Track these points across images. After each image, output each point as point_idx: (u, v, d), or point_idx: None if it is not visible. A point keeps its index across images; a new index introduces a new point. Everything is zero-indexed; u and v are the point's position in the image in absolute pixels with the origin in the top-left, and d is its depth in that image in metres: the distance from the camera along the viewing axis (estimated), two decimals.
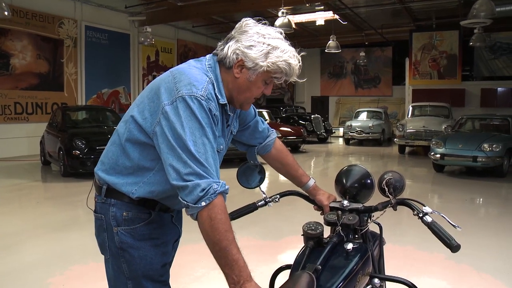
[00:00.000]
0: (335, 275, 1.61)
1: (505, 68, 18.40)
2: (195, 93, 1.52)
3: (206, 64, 1.67)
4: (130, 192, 1.66)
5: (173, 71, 1.64)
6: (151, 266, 1.71)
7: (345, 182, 2.02)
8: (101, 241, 1.75)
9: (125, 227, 1.68)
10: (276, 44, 1.59)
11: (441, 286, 3.93)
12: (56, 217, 6.31)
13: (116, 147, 1.71)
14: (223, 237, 1.44)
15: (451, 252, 1.63)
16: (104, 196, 1.71)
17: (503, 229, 5.86)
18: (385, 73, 23.65)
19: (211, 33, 19.58)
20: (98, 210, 1.74)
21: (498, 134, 10.60)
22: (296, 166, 2.11)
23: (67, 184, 8.85)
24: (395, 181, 1.90)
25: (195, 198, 1.44)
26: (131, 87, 16.16)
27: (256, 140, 2.03)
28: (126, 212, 1.68)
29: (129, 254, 1.68)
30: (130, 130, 1.65)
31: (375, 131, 17.50)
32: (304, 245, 1.77)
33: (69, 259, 4.50)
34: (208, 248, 1.51)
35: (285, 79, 1.66)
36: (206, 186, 1.45)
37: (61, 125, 9.98)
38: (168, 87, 1.57)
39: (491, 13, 10.85)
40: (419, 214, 1.74)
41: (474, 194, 8.44)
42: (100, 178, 1.74)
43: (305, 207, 2.20)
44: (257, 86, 1.65)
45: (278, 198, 2.08)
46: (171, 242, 1.83)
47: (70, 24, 13.79)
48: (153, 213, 1.71)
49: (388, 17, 17.40)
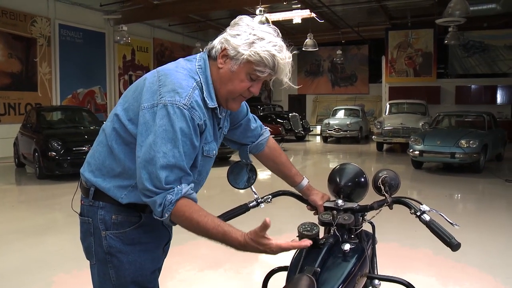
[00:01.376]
0: (334, 277, 1.57)
1: (478, 66, 18.75)
2: (178, 102, 1.46)
3: (196, 65, 1.60)
4: (119, 197, 1.60)
5: (159, 72, 1.57)
6: (141, 272, 1.64)
7: (338, 181, 1.97)
8: (87, 246, 1.67)
9: (114, 231, 1.61)
10: (263, 35, 1.53)
11: (428, 282, 3.94)
12: (32, 221, 6.12)
13: (103, 147, 1.64)
14: (199, 229, 1.46)
15: (452, 250, 1.60)
16: (92, 199, 1.63)
17: (483, 224, 5.94)
18: (362, 71, 23.86)
19: (188, 32, 19.42)
20: (85, 213, 1.66)
21: (475, 130, 10.78)
22: (289, 166, 2.05)
23: (43, 186, 8.63)
24: (390, 179, 1.87)
25: (159, 213, 1.46)
26: (107, 87, 15.89)
27: (248, 139, 1.96)
28: (115, 215, 1.61)
29: (117, 259, 1.61)
30: (116, 129, 1.59)
31: (353, 128, 17.63)
32: None
33: (50, 265, 4.35)
34: (192, 250, 1.51)
35: (270, 73, 1.55)
36: (162, 200, 1.45)
37: (36, 126, 9.71)
38: (152, 89, 1.51)
39: (465, 11, 11.02)
40: (417, 213, 1.71)
41: (453, 190, 8.57)
42: (86, 179, 1.66)
43: (286, 205, 2.15)
44: (239, 78, 1.55)
45: (270, 198, 2.02)
46: (161, 246, 1.76)
47: (43, 23, 13.47)
48: (143, 216, 1.64)
49: (364, 16, 17.54)
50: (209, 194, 6.23)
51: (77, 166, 8.58)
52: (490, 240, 5.20)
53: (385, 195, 1.82)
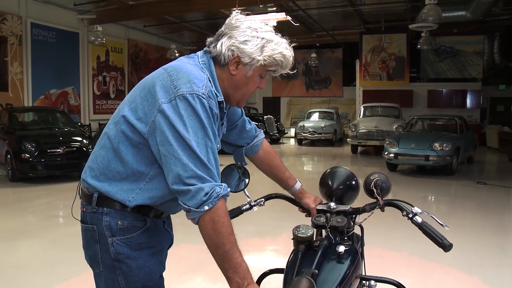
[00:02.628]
0: (331, 279, 1.60)
1: (449, 70, 19.18)
2: (197, 91, 1.46)
3: (200, 61, 1.61)
4: (127, 200, 1.56)
5: (166, 68, 1.56)
6: (150, 277, 1.62)
7: (330, 184, 2.01)
8: (92, 254, 1.62)
9: (121, 236, 1.57)
10: (270, 37, 1.58)
11: (407, 282, 4.00)
12: (5, 225, 5.94)
13: (107, 151, 1.60)
14: (226, 240, 1.41)
15: (444, 251, 1.65)
16: (95, 205, 1.59)
17: (457, 225, 6.09)
18: (336, 74, 24.09)
19: (163, 33, 19.25)
20: (88, 221, 1.61)
21: (447, 133, 11.04)
22: (283, 169, 2.08)
23: (16, 189, 8.43)
24: (382, 182, 1.91)
25: (198, 203, 1.40)
26: (80, 88, 15.58)
27: (243, 140, 1.98)
28: (121, 221, 1.57)
29: (126, 265, 1.58)
30: (123, 131, 1.55)
31: (328, 131, 17.80)
32: (295, 248, 1.75)
33: (26, 270, 4.24)
34: (177, 253, 1.46)
35: (280, 71, 1.65)
36: (210, 190, 1.41)
37: (8, 127, 9.47)
38: (164, 85, 1.49)
39: (438, 17, 11.29)
40: (409, 215, 1.75)
41: (427, 192, 8.75)
42: (89, 185, 1.62)
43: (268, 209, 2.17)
44: (253, 81, 1.63)
45: (263, 201, 2.03)
46: (165, 249, 1.75)
47: (14, 21, 13.12)
48: (148, 220, 1.62)
49: (339, 19, 17.74)
50: None
51: (52, 168, 8.57)
52: (464, 240, 5.33)
53: (377, 197, 1.86)
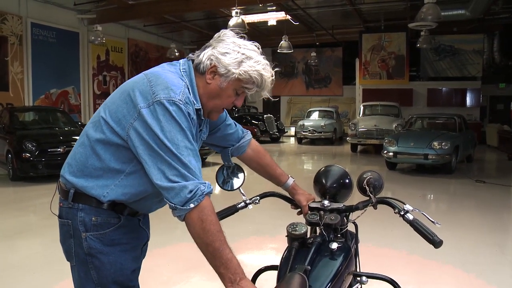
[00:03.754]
0: (324, 275, 1.63)
1: (448, 69, 19.20)
2: (173, 98, 1.51)
3: (181, 68, 1.67)
4: (101, 195, 1.62)
5: (147, 74, 1.62)
6: (121, 272, 1.68)
7: (324, 182, 2.04)
8: (67, 248, 1.69)
9: (94, 232, 1.64)
10: (250, 54, 1.62)
11: (403, 280, 4.04)
12: (6, 224, 5.98)
13: (85, 148, 1.66)
14: (216, 238, 1.45)
15: (434, 248, 1.68)
16: (71, 201, 1.66)
17: (455, 223, 6.12)
18: (336, 73, 24.11)
19: (162, 33, 19.28)
20: (64, 216, 1.68)
21: (446, 132, 11.07)
22: (274, 166, 2.12)
23: (17, 188, 8.47)
24: (375, 180, 1.94)
25: (183, 200, 1.45)
26: (80, 87, 15.63)
27: (228, 142, 2.03)
28: (95, 217, 1.63)
29: (98, 260, 1.64)
30: (103, 131, 1.61)
31: (327, 130, 17.82)
32: (289, 245, 1.78)
33: (27, 269, 4.28)
34: (173, 252, 1.51)
35: (256, 90, 1.66)
36: (194, 187, 1.45)
37: (9, 127, 9.51)
38: (144, 90, 1.55)
39: (437, 16, 11.29)
40: (401, 212, 1.78)
41: (426, 191, 8.78)
42: (67, 181, 1.68)
43: (267, 207, 2.21)
44: (227, 94, 1.65)
45: (258, 199, 2.07)
46: (140, 246, 1.81)
47: (14, 21, 13.16)
48: (122, 218, 1.68)
49: (339, 18, 17.75)
50: None
51: (52, 167, 8.59)
52: (462, 238, 5.37)
53: (370, 195, 1.89)
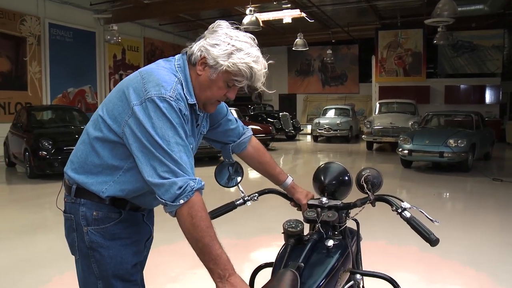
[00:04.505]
0: (318, 272, 1.62)
1: (466, 65, 18.91)
2: (164, 94, 1.52)
3: (176, 64, 1.68)
4: (100, 191, 1.65)
5: (141, 71, 1.64)
6: (121, 266, 1.70)
7: (323, 179, 2.02)
8: (71, 242, 1.73)
9: (95, 226, 1.66)
10: (241, 46, 1.60)
11: (415, 279, 4.02)
12: (23, 220, 6.12)
13: (86, 145, 1.70)
14: (205, 234, 1.46)
15: (430, 246, 1.66)
16: (73, 196, 1.69)
17: (470, 222, 6.04)
18: (352, 70, 23.97)
19: (178, 31, 19.40)
20: (68, 210, 1.72)
21: (463, 130, 10.90)
22: (273, 164, 2.11)
23: (34, 186, 8.62)
24: (373, 177, 1.92)
25: (173, 196, 1.46)
26: (97, 86, 15.84)
27: (229, 138, 2.03)
28: (96, 211, 1.66)
29: (99, 253, 1.67)
30: (101, 129, 1.64)
31: (343, 128, 17.73)
32: (285, 243, 1.77)
33: (39, 264, 4.38)
34: (182, 248, 1.50)
35: (247, 84, 1.64)
36: (183, 184, 1.46)
37: (26, 126, 9.68)
38: (137, 88, 1.57)
39: (453, 12, 11.15)
40: (398, 210, 1.76)
41: (441, 189, 8.67)
42: (69, 177, 1.72)
43: (276, 204, 2.20)
44: (218, 86, 1.64)
45: (257, 196, 2.07)
46: (143, 241, 1.82)
47: (32, 21, 13.40)
48: (123, 212, 1.70)
49: (354, 15, 17.64)
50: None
51: None
52: (476, 237, 5.29)
53: (367, 193, 1.87)
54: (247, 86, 1.69)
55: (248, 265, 4.47)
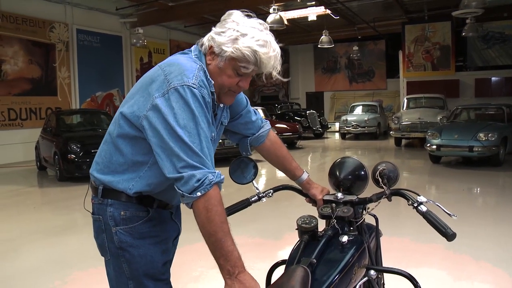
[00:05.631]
0: (331, 268, 1.59)
1: (498, 57, 18.42)
2: (187, 82, 1.50)
3: (193, 54, 1.67)
4: (128, 188, 1.65)
5: (161, 65, 1.62)
6: (152, 265, 1.69)
7: (338, 174, 1.99)
8: (100, 243, 1.73)
9: (124, 226, 1.66)
10: (246, 31, 1.55)
11: (440, 276, 3.92)
12: (54, 222, 6.29)
13: (108, 145, 1.70)
14: (219, 229, 1.44)
15: (447, 240, 1.61)
16: (100, 197, 1.69)
17: (501, 218, 5.86)
18: (379, 66, 23.65)
19: (203, 33, 18.99)
20: (96, 212, 1.72)
21: (493, 123, 10.60)
22: (290, 159, 2.08)
23: (63, 188, 8.81)
24: (389, 171, 1.88)
25: (191, 188, 1.44)
26: (125, 89, 16.09)
27: (249, 131, 2.01)
28: (123, 211, 1.66)
29: (129, 253, 1.66)
30: (121, 125, 1.64)
31: (371, 124, 17.51)
32: (299, 239, 1.75)
33: (68, 264, 4.47)
34: (205, 248, 1.49)
35: (255, 69, 1.59)
36: (202, 176, 1.44)
37: (56, 130, 9.92)
38: (159, 80, 1.55)
39: (482, 2, 10.89)
40: (414, 204, 1.72)
41: (471, 184, 8.45)
42: (95, 178, 1.72)
43: (302, 203, 2.18)
44: (227, 74, 1.60)
45: (272, 193, 2.05)
46: (171, 239, 1.81)
47: (61, 28, 13.72)
48: (151, 210, 1.70)
49: (380, 10, 17.40)
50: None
51: None
52: (508, 235, 5.12)
53: (383, 187, 1.83)
54: (263, 75, 1.65)
55: (271, 262, 4.48)
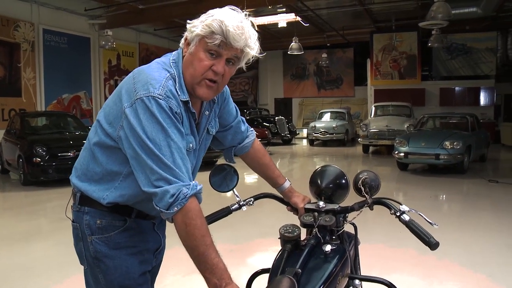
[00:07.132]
0: (316, 278, 1.58)
1: (461, 68, 18.97)
2: (152, 93, 1.45)
3: (171, 58, 1.62)
4: (101, 197, 1.61)
5: (134, 71, 1.60)
6: (127, 276, 1.64)
7: (320, 182, 1.99)
8: (78, 251, 1.69)
9: (99, 235, 1.61)
10: (216, 12, 1.52)
11: (412, 281, 3.98)
12: (17, 228, 6.04)
13: (86, 152, 1.67)
14: (200, 243, 1.41)
15: (430, 249, 1.63)
16: (78, 204, 1.66)
17: (467, 224, 6.02)
18: (347, 74, 23.97)
19: (173, 36, 19.35)
20: (74, 219, 1.68)
21: (458, 131, 10.91)
22: (273, 167, 2.08)
23: (28, 193, 8.54)
24: (371, 180, 1.89)
25: (166, 205, 1.41)
26: (92, 92, 15.76)
27: (235, 141, 2.00)
28: (99, 220, 1.62)
29: (104, 264, 1.62)
30: (98, 134, 1.60)
31: (339, 131, 17.72)
32: (282, 248, 1.73)
33: (34, 272, 4.30)
34: (177, 254, 1.46)
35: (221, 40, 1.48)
36: (175, 191, 1.40)
37: (20, 132, 9.62)
38: (128, 89, 1.52)
39: (447, 15, 11.17)
40: (397, 213, 1.73)
41: (438, 191, 8.66)
42: (74, 185, 1.69)
43: (274, 210, 2.17)
44: (198, 58, 1.52)
45: (253, 201, 2.03)
46: (151, 251, 1.76)
47: (26, 27, 13.33)
48: (128, 220, 1.65)
49: (349, 19, 17.66)
50: None
51: (63, 172, 8.63)
52: (473, 239, 5.27)
53: (365, 196, 1.84)
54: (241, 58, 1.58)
55: (245, 271, 4.45)
